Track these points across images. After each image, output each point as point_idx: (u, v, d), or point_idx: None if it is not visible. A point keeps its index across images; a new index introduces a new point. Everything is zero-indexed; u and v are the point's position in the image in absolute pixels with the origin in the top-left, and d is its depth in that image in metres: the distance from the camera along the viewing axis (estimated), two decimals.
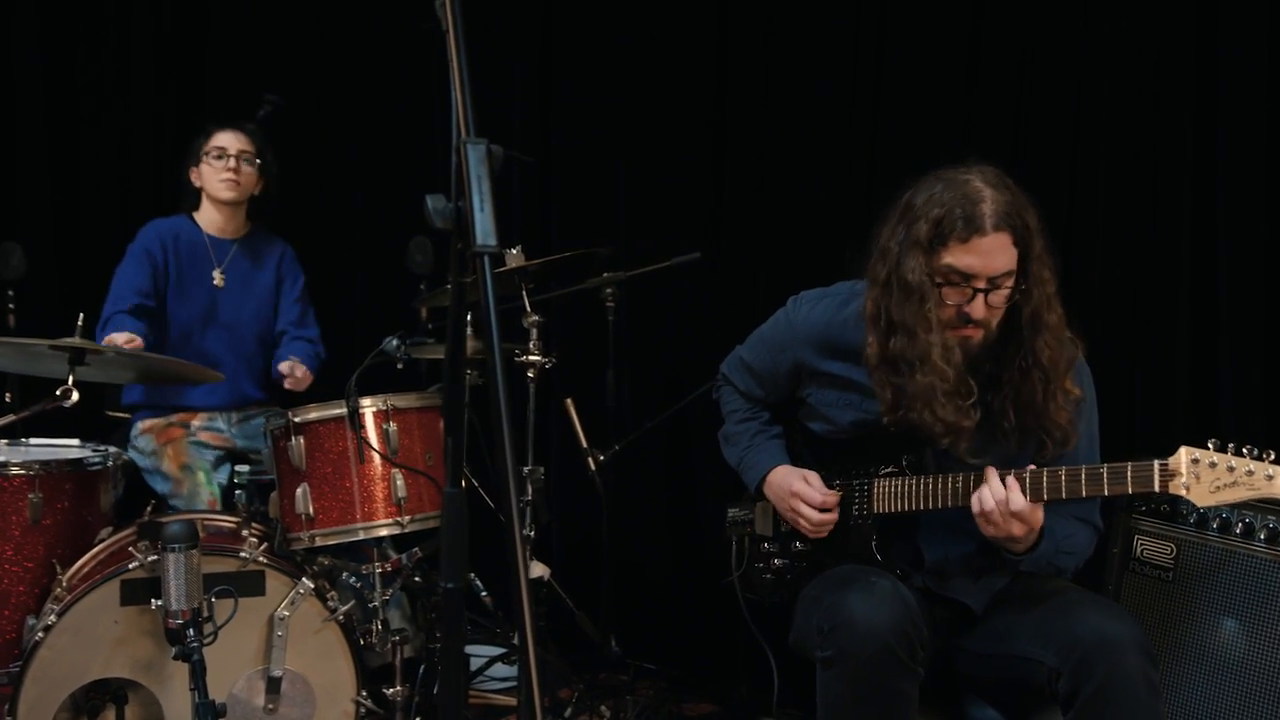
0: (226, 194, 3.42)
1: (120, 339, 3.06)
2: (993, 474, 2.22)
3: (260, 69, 4.14)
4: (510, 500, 1.41)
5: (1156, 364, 3.16)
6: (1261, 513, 2.43)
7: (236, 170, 3.41)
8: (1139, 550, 2.63)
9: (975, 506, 2.22)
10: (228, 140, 3.43)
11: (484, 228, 1.47)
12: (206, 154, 3.42)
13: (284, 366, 3.37)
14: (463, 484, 1.55)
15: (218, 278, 3.45)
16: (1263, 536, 2.42)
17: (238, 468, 3.29)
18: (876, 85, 3.53)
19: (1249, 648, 2.43)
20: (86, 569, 2.80)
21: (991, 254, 2.21)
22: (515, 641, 3.23)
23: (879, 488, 2.43)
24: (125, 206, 4.11)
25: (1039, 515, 2.21)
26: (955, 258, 2.22)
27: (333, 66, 4.22)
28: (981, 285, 2.23)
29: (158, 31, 4.17)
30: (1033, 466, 2.23)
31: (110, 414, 3.58)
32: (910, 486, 2.38)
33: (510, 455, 1.41)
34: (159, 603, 2.52)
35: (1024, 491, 2.18)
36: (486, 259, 1.47)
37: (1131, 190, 3.19)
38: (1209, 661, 2.49)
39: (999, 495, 2.19)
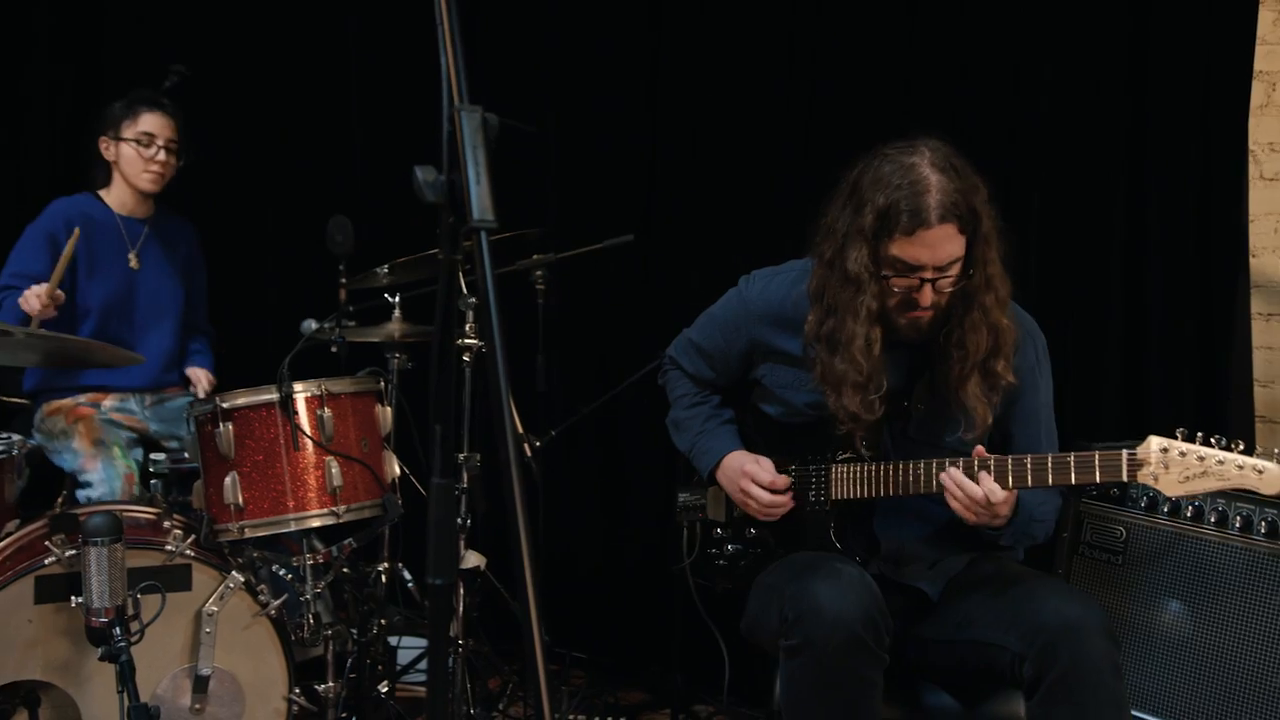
0: (149, 186, 3.28)
1: (40, 288, 2.90)
2: (962, 477, 2.20)
3: (162, 34, 3.93)
4: (513, 492, 1.33)
5: (1090, 347, 3.21)
6: (1210, 496, 2.47)
7: (164, 162, 3.26)
8: (1088, 534, 2.66)
9: (959, 511, 2.22)
10: (155, 125, 3.25)
11: (481, 202, 1.38)
12: (130, 137, 3.23)
13: (193, 374, 3.38)
14: (451, 475, 1.46)
15: (133, 260, 3.28)
16: (1212, 520, 2.47)
17: (152, 455, 3.13)
18: (812, 62, 3.51)
19: (1196, 629, 2.48)
20: None
21: (937, 245, 2.20)
22: (450, 633, 3.13)
23: (836, 473, 2.41)
24: (21, 179, 3.87)
25: (1013, 497, 2.22)
26: (900, 249, 2.21)
27: (242, 33, 4.03)
28: (928, 275, 2.22)
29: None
30: (980, 449, 2.22)
31: (6, 400, 3.36)
32: (869, 473, 2.35)
33: (513, 444, 1.33)
34: (79, 600, 2.38)
35: (994, 477, 2.17)
36: (484, 235, 1.38)
37: (1067, 178, 3.23)
38: (1157, 643, 2.53)
39: (977, 496, 2.19)
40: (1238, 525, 2.42)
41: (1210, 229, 3.13)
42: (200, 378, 3.37)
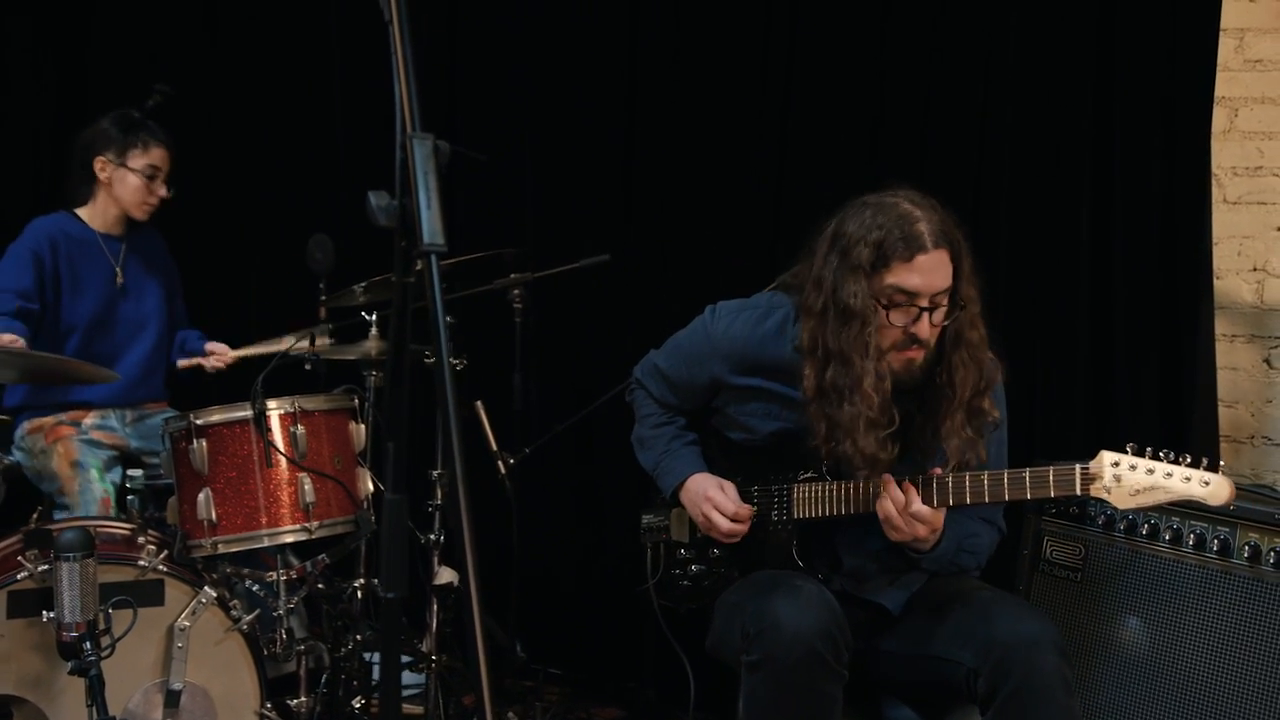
0: (143, 216, 3.35)
1: (5, 339, 2.91)
2: (889, 481, 2.26)
3: (146, 52, 3.98)
4: (460, 514, 1.37)
5: (1057, 368, 3.25)
6: (1166, 514, 2.51)
7: (162, 195, 3.34)
8: (1048, 551, 2.70)
9: (880, 513, 2.27)
10: (162, 159, 3.32)
11: (431, 226, 1.44)
12: (138, 168, 3.28)
13: (212, 346, 3.45)
14: (404, 491, 1.50)
15: (119, 276, 3.33)
16: (1167, 537, 2.50)
17: (130, 471, 3.16)
18: (786, 87, 3.55)
19: (1154, 645, 2.52)
20: None
21: (933, 271, 2.23)
22: (423, 649, 3.16)
23: (799, 493, 2.44)
24: (2, 198, 3.90)
25: (940, 518, 2.26)
26: (899, 277, 2.23)
27: (226, 52, 4.08)
28: (924, 304, 2.24)
29: (36, 14, 3.98)
30: (937, 470, 2.27)
31: None
32: (830, 492, 2.39)
33: (459, 464, 1.37)
34: (51, 615, 2.40)
35: (921, 493, 2.23)
36: (434, 258, 1.43)
37: (1033, 200, 3.27)
38: (1116, 659, 2.57)
39: (898, 500, 2.23)
40: (1190, 543, 2.47)
41: (1175, 252, 3.17)
42: (218, 348, 3.44)
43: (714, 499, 2.49)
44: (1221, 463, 2.01)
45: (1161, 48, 3.14)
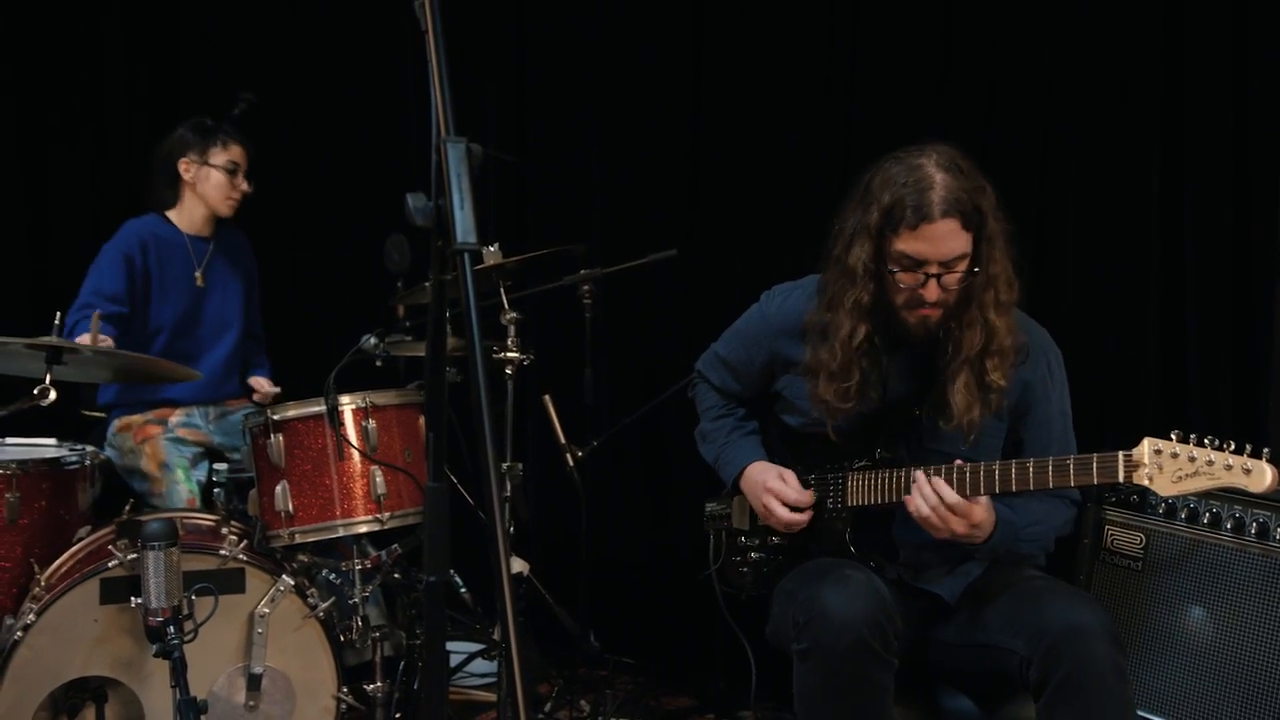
0: (229, 211, 3.52)
1: (87, 339, 3.06)
2: (920, 480, 2.28)
3: (233, 62, 4.14)
4: (492, 499, 1.43)
5: (1128, 354, 3.21)
6: (1228, 503, 2.47)
7: (245, 190, 3.51)
8: (1109, 540, 2.67)
9: (915, 517, 2.28)
10: (242, 156, 3.50)
11: (464, 226, 1.49)
12: (220, 164, 3.45)
13: (255, 382, 3.60)
14: (444, 479, 1.57)
15: (199, 278, 3.47)
16: (1229, 526, 2.47)
17: (215, 465, 3.30)
18: (850, 81, 3.56)
19: (1216, 635, 2.48)
20: (65, 568, 2.80)
21: (940, 240, 2.25)
22: (495, 637, 3.25)
23: (853, 481, 2.47)
24: (98, 202, 4.10)
25: (976, 509, 2.25)
26: (906, 244, 2.27)
27: (308, 60, 4.23)
28: (934, 270, 2.27)
29: (127, 26, 4.17)
30: (958, 462, 2.28)
31: (86, 413, 3.57)
32: (884, 479, 2.41)
33: (492, 452, 1.43)
34: (139, 601, 2.52)
35: (998, 480, 2.22)
36: (467, 257, 1.49)
37: (1101, 185, 3.23)
38: (1178, 649, 2.54)
39: (931, 499, 2.24)
40: (1254, 531, 2.42)
41: (1248, 235, 3.10)
42: (262, 384, 3.59)
43: (774, 489, 2.53)
44: (1270, 448, 1.98)
45: (1231, 29, 3.07)
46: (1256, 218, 3.09)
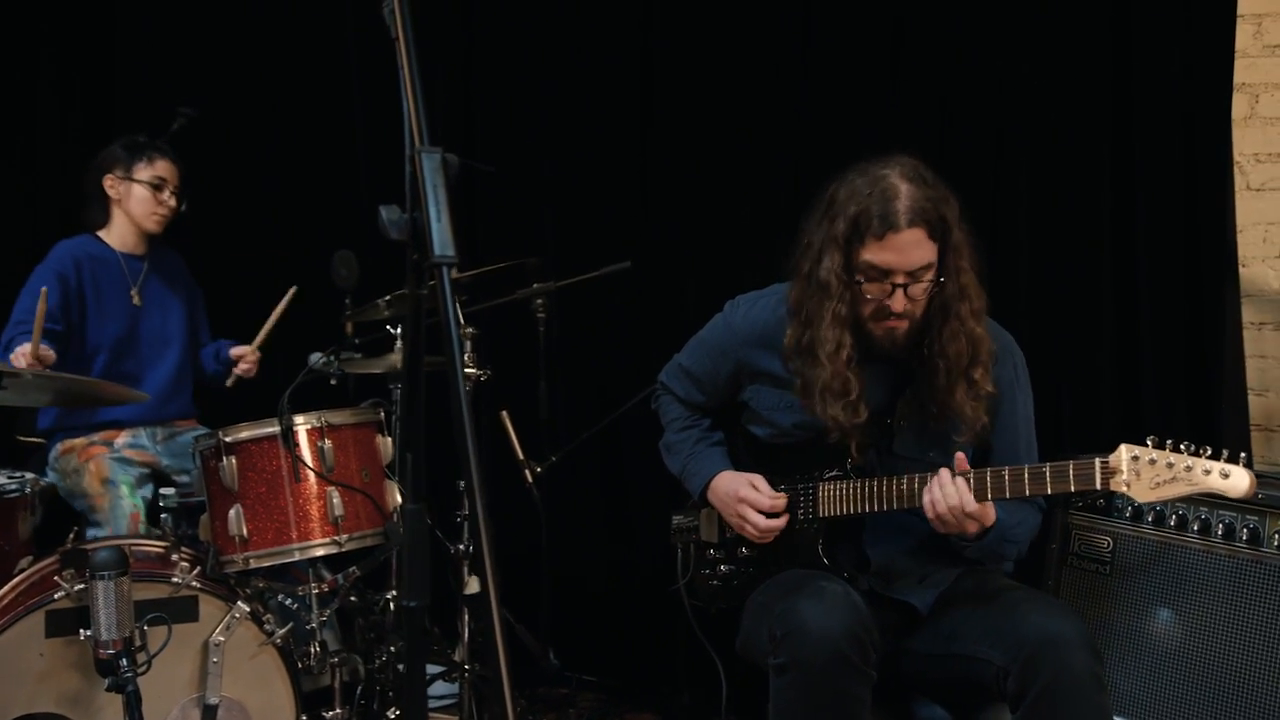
0: (156, 227, 3.42)
1: (25, 349, 2.95)
2: (946, 476, 2.25)
3: (171, 76, 4.03)
4: (477, 517, 1.38)
5: (1082, 360, 3.24)
6: (1194, 505, 2.50)
7: (172, 206, 3.41)
8: (1076, 544, 2.68)
9: (929, 511, 2.26)
10: (168, 171, 3.40)
11: (442, 238, 1.45)
12: (145, 180, 3.36)
13: (237, 351, 3.52)
14: (423, 501, 1.52)
15: (135, 297, 3.39)
16: (1195, 528, 2.49)
17: (162, 490, 3.19)
18: (801, 92, 3.56)
19: (1185, 637, 2.50)
20: (7, 600, 2.69)
21: (906, 250, 2.25)
22: (456, 658, 3.18)
23: (824, 491, 2.45)
24: (36, 222, 3.99)
25: (990, 511, 2.25)
26: (872, 254, 2.27)
27: (248, 72, 4.12)
28: (900, 280, 2.27)
29: (60, 40, 4.06)
30: (961, 457, 2.26)
31: (22, 439, 3.45)
32: (855, 489, 2.40)
33: (476, 470, 1.38)
34: (88, 633, 2.43)
35: (972, 489, 2.21)
36: (445, 270, 1.44)
37: (1053, 190, 3.26)
38: (1146, 652, 2.55)
39: (953, 500, 2.22)
40: (1220, 532, 2.45)
41: (1199, 241, 3.15)
42: (241, 349, 3.52)
43: (748, 497, 2.50)
44: (1246, 453, 1.99)
45: (1178, 35, 3.12)
46: (1204, 217, 3.13)
